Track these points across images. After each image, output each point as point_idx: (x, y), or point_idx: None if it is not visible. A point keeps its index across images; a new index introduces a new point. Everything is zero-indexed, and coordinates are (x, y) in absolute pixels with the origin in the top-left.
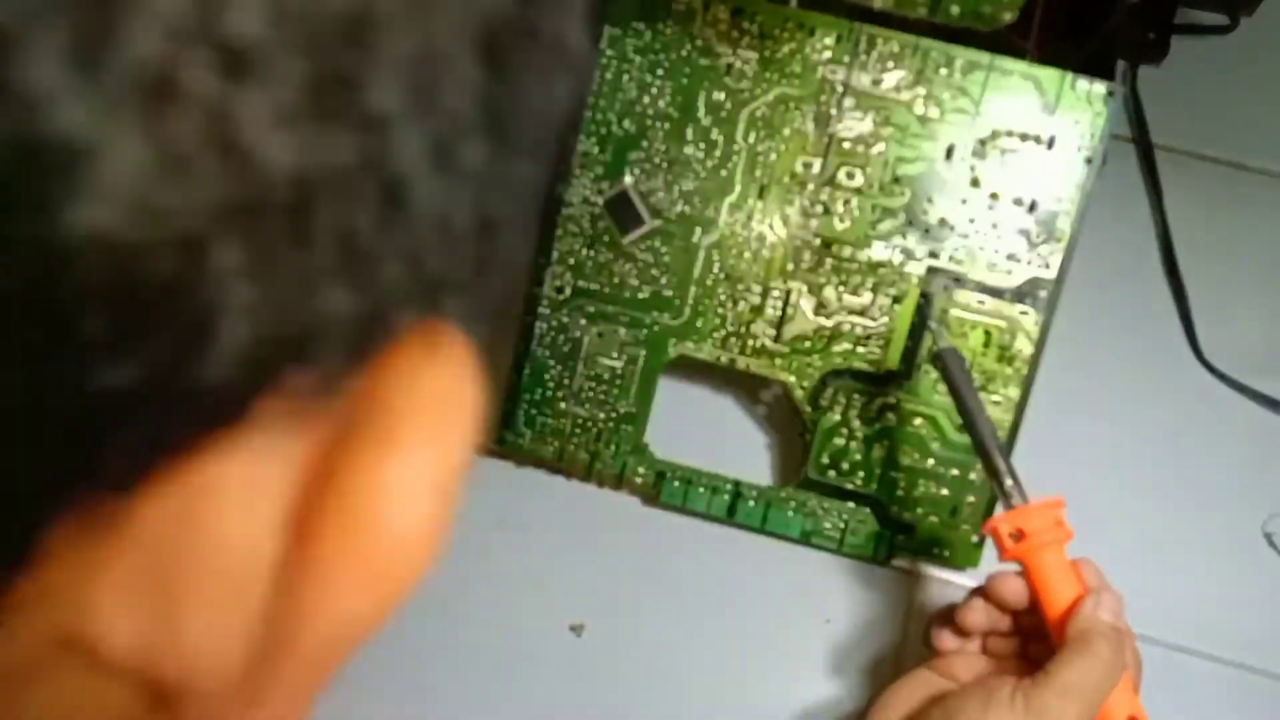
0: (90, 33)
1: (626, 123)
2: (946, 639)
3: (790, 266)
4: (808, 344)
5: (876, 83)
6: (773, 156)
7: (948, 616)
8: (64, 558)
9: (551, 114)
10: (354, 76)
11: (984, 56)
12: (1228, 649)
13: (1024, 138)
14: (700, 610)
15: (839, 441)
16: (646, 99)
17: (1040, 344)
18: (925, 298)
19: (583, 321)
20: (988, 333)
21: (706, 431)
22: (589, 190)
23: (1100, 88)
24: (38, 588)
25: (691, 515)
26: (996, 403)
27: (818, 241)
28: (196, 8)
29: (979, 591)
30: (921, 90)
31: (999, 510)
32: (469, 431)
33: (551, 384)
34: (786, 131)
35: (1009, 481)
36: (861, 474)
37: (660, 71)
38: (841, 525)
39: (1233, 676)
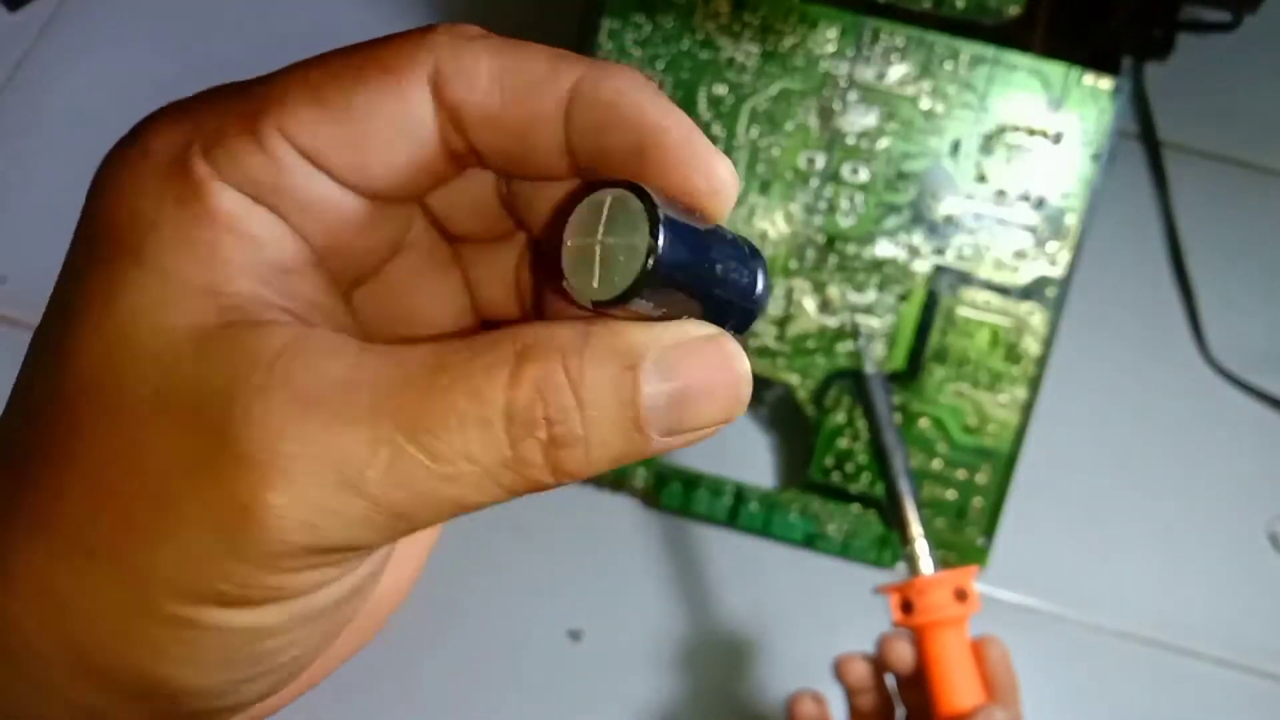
0: None
1: None
2: (850, 671)
3: (793, 264)
4: (811, 343)
5: (881, 77)
6: (775, 151)
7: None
8: None
9: None
10: None
11: (989, 51)
12: (1234, 652)
13: (1031, 133)
14: (701, 615)
15: (843, 443)
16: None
17: (1048, 343)
18: (854, 322)
19: None
20: (995, 331)
21: None
22: None
23: (1106, 83)
24: None
25: (693, 519)
26: (1003, 404)
27: (821, 238)
28: None
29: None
30: (926, 84)
31: (927, 563)
32: None
33: None
34: (789, 126)
35: (916, 542)
36: (866, 476)
37: (661, 65)
38: (845, 529)
39: (1239, 680)
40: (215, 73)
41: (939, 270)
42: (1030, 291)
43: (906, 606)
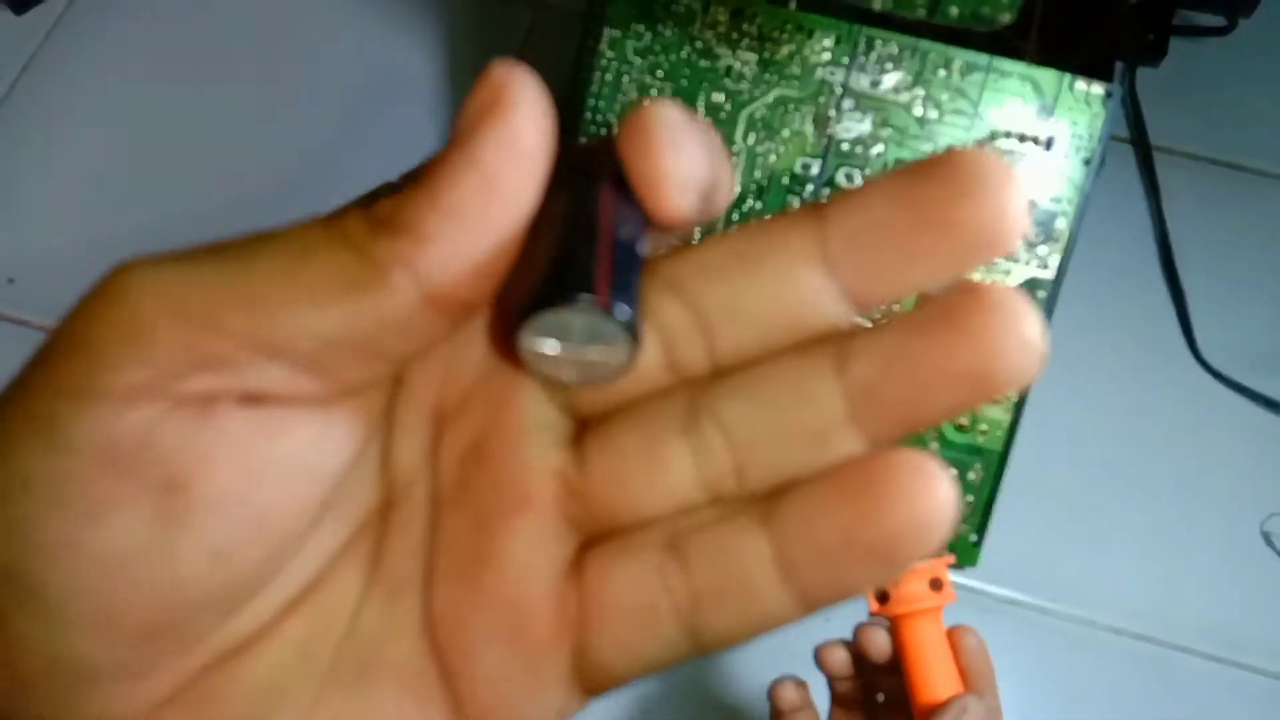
0: None
1: None
2: (831, 659)
3: None
4: None
5: (875, 84)
6: (772, 158)
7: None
8: None
9: None
10: None
11: (982, 58)
12: (1226, 649)
13: (1022, 139)
14: None
15: None
16: (646, 101)
17: None
18: None
19: None
20: None
21: None
22: None
23: (1098, 89)
24: None
25: None
26: (994, 403)
27: None
28: None
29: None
30: (920, 92)
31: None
32: None
33: None
34: (786, 133)
35: None
36: None
37: (660, 73)
38: None
39: (1232, 676)
40: (220, 75)
41: None
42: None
43: (882, 596)
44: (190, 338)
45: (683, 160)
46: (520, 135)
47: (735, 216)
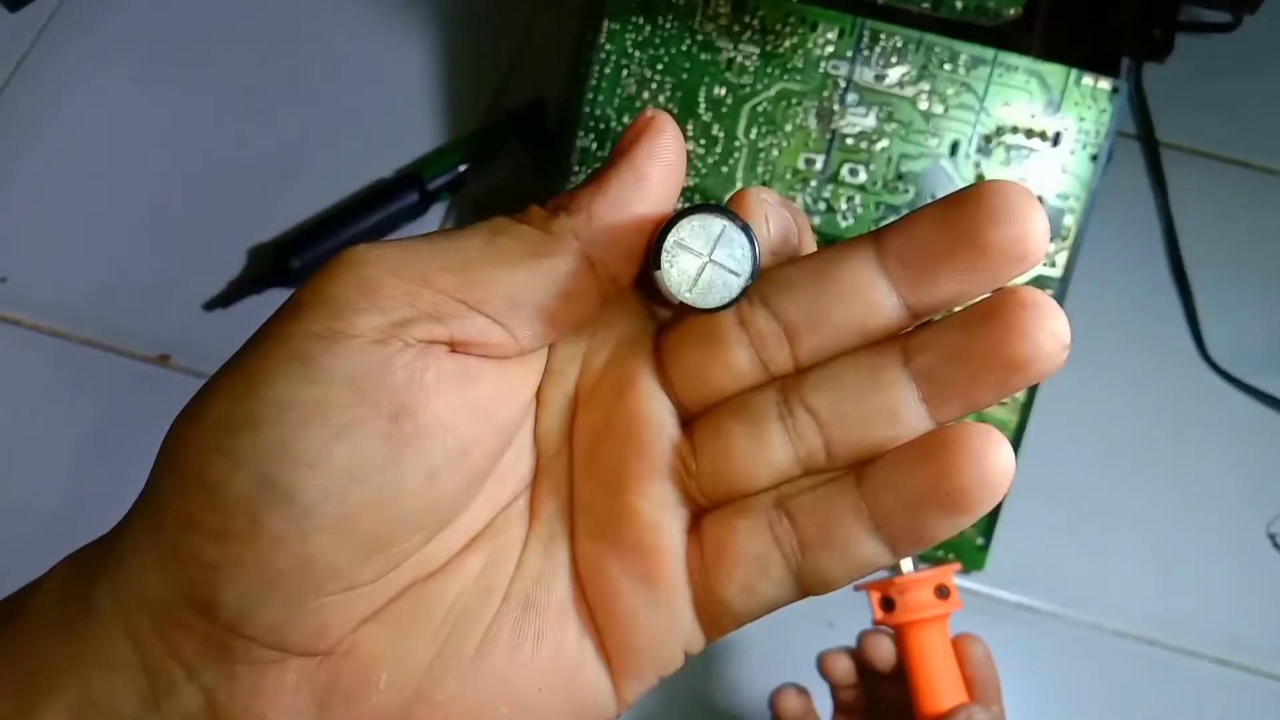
0: None
1: (626, 118)
2: (834, 667)
3: None
4: None
5: (880, 78)
6: (775, 152)
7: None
8: None
9: None
10: None
11: (988, 52)
12: (1233, 652)
13: (1029, 134)
14: None
15: None
16: (646, 94)
17: None
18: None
19: None
20: None
21: None
22: None
23: (1105, 84)
24: None
25: None
26: (1003, 403)
27: (820, 239)
28: None
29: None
30: (925, 86)
31: (908, 561)
32: None
33: None
34: (789, 127)
35: None
36: None
37: (660, 66)
38: None
39: (1238, 679)
40: (215, 72)
41: None
42: None
43: (888, 604)
44: (411, 293)
45: (773, 223)
46: (664, 149)
47: None
